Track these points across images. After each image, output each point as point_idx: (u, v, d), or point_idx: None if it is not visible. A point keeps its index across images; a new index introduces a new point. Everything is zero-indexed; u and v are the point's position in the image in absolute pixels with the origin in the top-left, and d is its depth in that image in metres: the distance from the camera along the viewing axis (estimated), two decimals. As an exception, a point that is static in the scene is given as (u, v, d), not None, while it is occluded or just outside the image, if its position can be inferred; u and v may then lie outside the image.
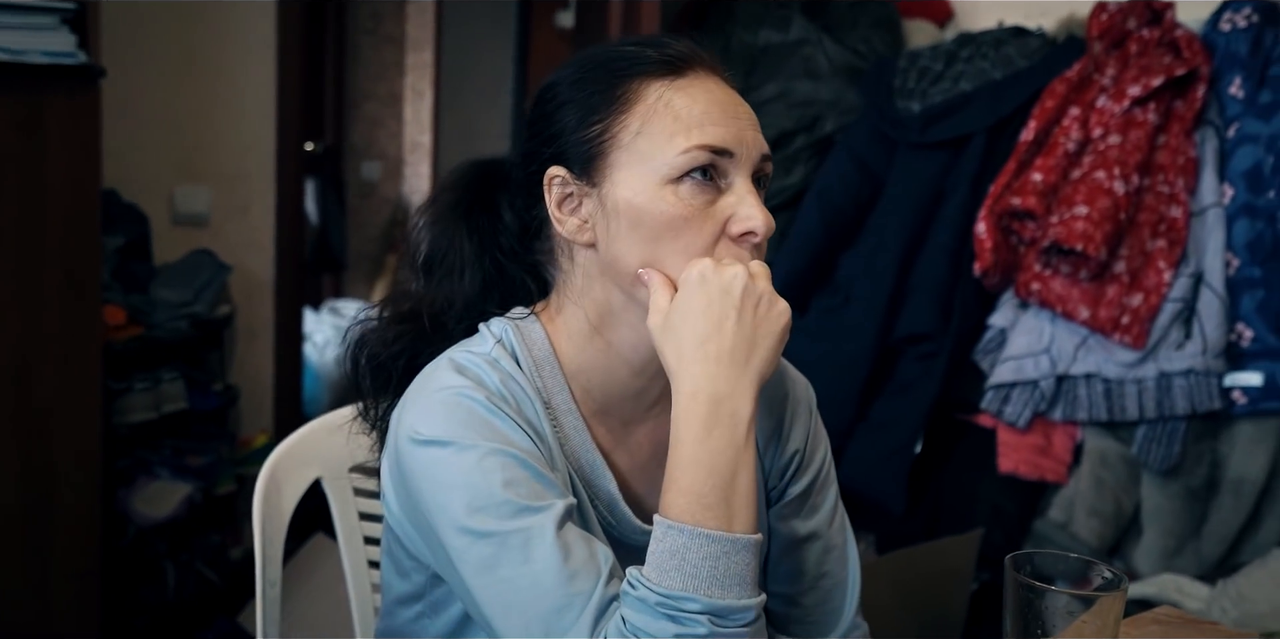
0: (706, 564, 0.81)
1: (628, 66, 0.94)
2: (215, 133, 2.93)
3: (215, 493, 2.70)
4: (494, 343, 0.96)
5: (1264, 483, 2.08)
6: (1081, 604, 0.87)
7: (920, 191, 2.36)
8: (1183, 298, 2.11)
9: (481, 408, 0.89)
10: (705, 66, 0.95)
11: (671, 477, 0.85)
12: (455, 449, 0.87)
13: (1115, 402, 2.13)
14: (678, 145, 0.90)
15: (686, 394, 0.86)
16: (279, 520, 1.21)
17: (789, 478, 1.08)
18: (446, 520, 0.85)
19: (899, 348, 2.32)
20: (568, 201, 0.95)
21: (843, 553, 1.10)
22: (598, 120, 0.93)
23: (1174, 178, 2.17)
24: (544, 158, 0.96)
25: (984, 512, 2.19)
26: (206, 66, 2.89)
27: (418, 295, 1.01)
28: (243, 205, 3.00)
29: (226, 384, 2.87)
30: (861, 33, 2.60)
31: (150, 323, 2.51)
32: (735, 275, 0.88)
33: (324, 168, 4.96)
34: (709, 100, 0.92)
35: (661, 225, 0.90)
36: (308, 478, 1.24)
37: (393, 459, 0.92)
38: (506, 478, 0.85)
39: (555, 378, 0.97)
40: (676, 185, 0.90)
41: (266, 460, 1.20)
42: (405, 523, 0.94)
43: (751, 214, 0.91)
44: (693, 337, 0.87)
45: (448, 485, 0.86)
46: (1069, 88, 2.26)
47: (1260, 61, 2.21)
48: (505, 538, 0.83)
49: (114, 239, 2.51)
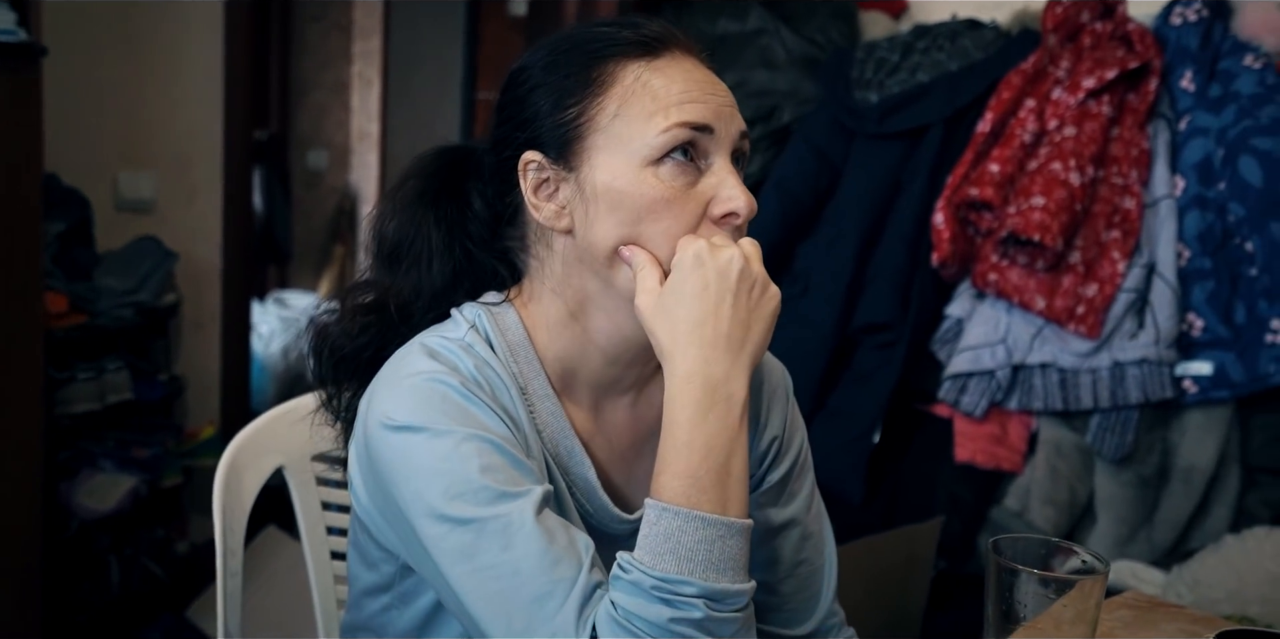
0: (702, 548, 0.80)
1: (603, 48, 0.91)
2: (160, 117, 2.86)
3: (161, 486, 2.64)
4: (467, 328, 0.93)
5: (1213, 471, 2.12)
6: (1061, 589, 0.87)
7: (878, 182, 2.36)
8: (1136, 288, 2.14)
9: (456, 393, 0.87)
10: (681, 47, 0.93)
11: (665, 460, 0.84)
12: (430, 435, 0.84)
13: (1070, 391, 2.15)
14: (657, 125, 0.88)
15: (681, 377, 0.85)
16: (240, 510, 1.17)
17: (767, 465, 1.08)
18: (421, 508, 0.83)
19: (857, 337, 2.32)
20: (544, 187, 0.93)
21: (820, 540, 1.10)
22: (573, 103, 0.91)
23: (1128, 169, 2.19)
24: (518, 142, 0.94)
25: (941, 500, 2.21)
26: (151, 49, 2.81)
27: (383, 285, 0.98)
28: (189, 192, 2.93)
29: (172, 374, 2.80)
30: (818, 23, 2.61)
31: (94, 311, 2.44)
32: (732, 258, 0.87)
33: (269, 157, 4.86)
34: (687, 79, 0.91)
35: (643, 208, 0.89)
36: (269, 466, 1.21)
37: (361, 446, 0.90)
38: (483, 464, 0.83)
39: (531, 363, 0.95)
40: (657, 167, 0.89)
41: (228, 448, 1.17)
42: (374, 512, 0.91)
43: (733, 195, 0.90)
44: (688, 319, 0.86)
45: (423, 472, 0.83)
46: (1024, 80, 2.28)
47: (1210, 55, 2.25)
48: (484, 524, 0.81)
49: (55, 224, 2.44)
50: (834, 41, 2.60)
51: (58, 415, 2.36)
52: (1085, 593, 0.87)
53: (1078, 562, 0.92)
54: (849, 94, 2.43)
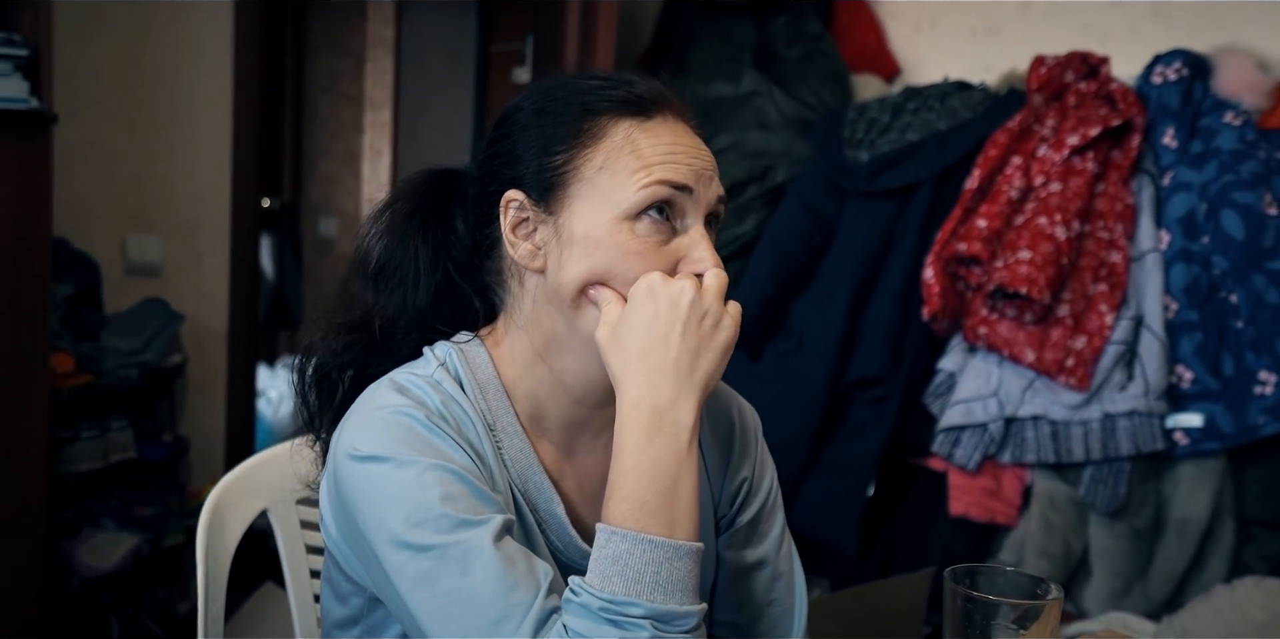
0: (649, 569, 0.82)
1: (596, 102, 0.95)
2: (169, 183, 2.94)
3: (163, 545, 2.65)
4: (437, 365, 0.96)
5: (1207, 523, 2.11)
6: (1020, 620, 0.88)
7: (869, 239, 2.40)
8: (1124, 340, 2.15)
9: (420, 426, 0.89)
10: (673, 110, 0.97)
11: (614, 484, 0.86)
12: (393, 465, 0.87)
13: (1062, 443, 2.15)
14: (638, 180, 0.91)
15: (629, 403, 0.87)
16: (223, 554, 1.19)
17: (738, 505, 1.09)
18: (384, 536, 0.85)
19: (850, 392, 2.34)
20: (523, 226, 0.96)
21: (790, 581, 1.10)
22: (561, 150, 0.94)
23: (1113, 224, 2.23)
24: (502, 178, 0.97)
25: (936, 554, 2.20)
26: (161, 116, 2.90)
27: (366, 304, 1.00)
28: (195, 256, 2.99)
29: (176, 434, 2.83)
30: (811, 85, 2.67)
31: (99, 370, 2.49)
32: (683, 289, 0.89)
33: (281, 224, 4.96)
34: (674, 141, 0.94)
35: (616, 259, 0.92)
36: (254, 508, 1.23)
37: (330, 478, 0.92)
38: (444, 492, 0.85)
39: (500, 401, 0.97)
40: (634, 222, 0.92)
41: (213, 489, 1.19)
42: (342, 544, 0.94)
43: (703, 257, 0.93)
44: (638, 347, 0.88)
45: (385, 500, 0.86)
46: (1011, 138, 2.33)
47: (1191, 113, 2.30)
48: (444, 551, 0.83)
49: (64, 287, 2.50)
50: (826, 103, 2.66)
51: (61, 473, 2.39)
52: (1044, 620, 0.88)
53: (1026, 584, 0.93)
54: (841, 153, 2.48)
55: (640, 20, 3.07)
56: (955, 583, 0.91)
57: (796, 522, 2.28)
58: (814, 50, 2.71)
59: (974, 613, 0.89)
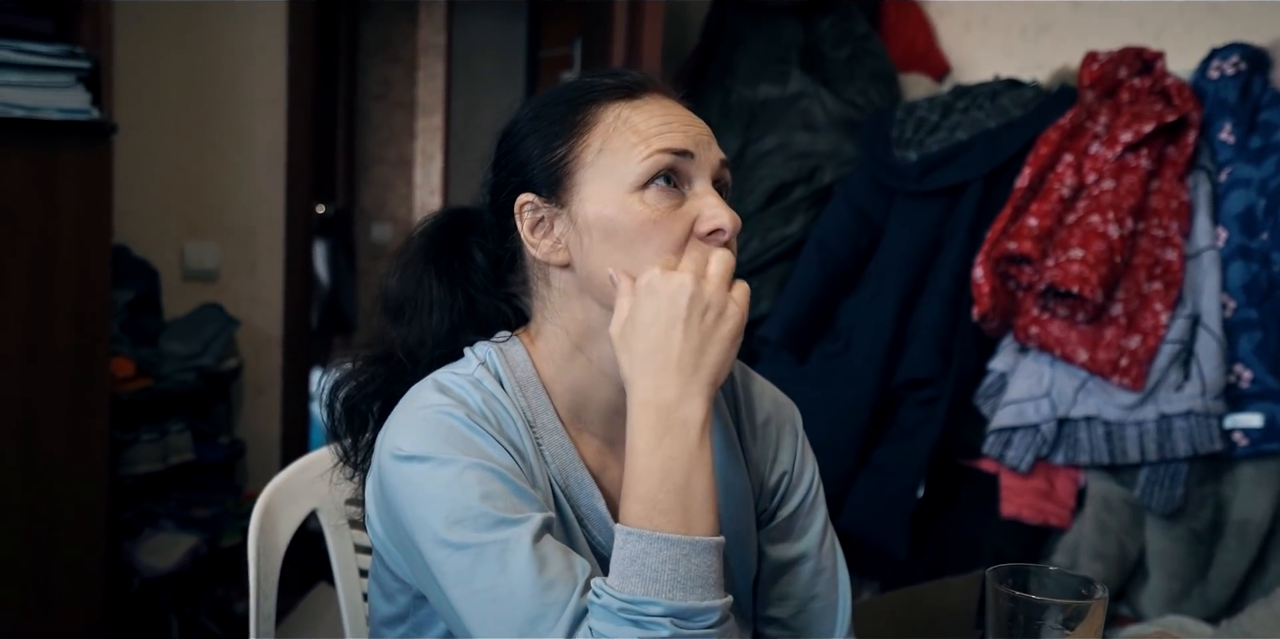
0: (667, 568, 0.82)
1: (584, 94, 0.98)
2: (225, 190, 2.99)
3: (220, 545, 2.70)
4: (477, 364, 0.98)
5: (1268, 525, 2.07)
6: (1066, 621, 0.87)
7: (918, 239, 2.38)
8: (1180, 340, 2.12)
9: (461, 424, 0.91)
10: (659, 90, 0.99)
11: (628, 485, 0.87)
12: (435, 464, 0.88)
13: (1116, 444, 2.12)
14: (639, 153, 0.93)
15: (637, 404, 0.89)
16: (274, 553, 1.22)
17: (778, 500, 1.09)
18: (426, 534, 0.86)
19: (900, 393, 2.32)
20: (540, 226, 0.98)
21: (833, 575, 1.10)
22: (560, 144, 0.96)
23: (1168, 221, 2.19)
24: (511, 187, 0.99)
25: (987, 556, 2.18)
26: (217, 125, 2.96)
27: (388, 336, 1.03)
28: (251, 262, 3.05)
29: (233, 437, 2.88)
30: (858, 86, 2.66)
31: (158, 374, 2.54)
32: (681, 284, 0.90)
33: (335, 230, 5.03)
34: (665, 113, 0.96)
35: (633, 231, 0.93)
36: (304, 509, 1.26)
37: (375, 478, 0.94)
38: (484, 491, 0.86)
39: (539, 398, 0.99)
40: (642, 192, 0.93)
41: (264, 490, 1.22)
42: (388, 542, 0.95)
43: (717, 213, 0.94)
44: (642, 347, 0.89)
45: (427, 499, 0.87)
46: (1062, 135, 2.30)
47: (1249, 108, 2.25)
48: (482, 549, 0.84)
49: (124, 293, 2.56)
50: (874, 103, 2.64)
51: (122, 475, 2.44)
52: (1089, 619, 0.87)
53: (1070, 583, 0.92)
54: (889, 153, 2.46)
55: (687, 22, 3.08)
56: (999, 583, 0.90)
57: (845, 524, 2.27)
58: (862, 50, 2.70)
59: (1018, 613, 0.88)
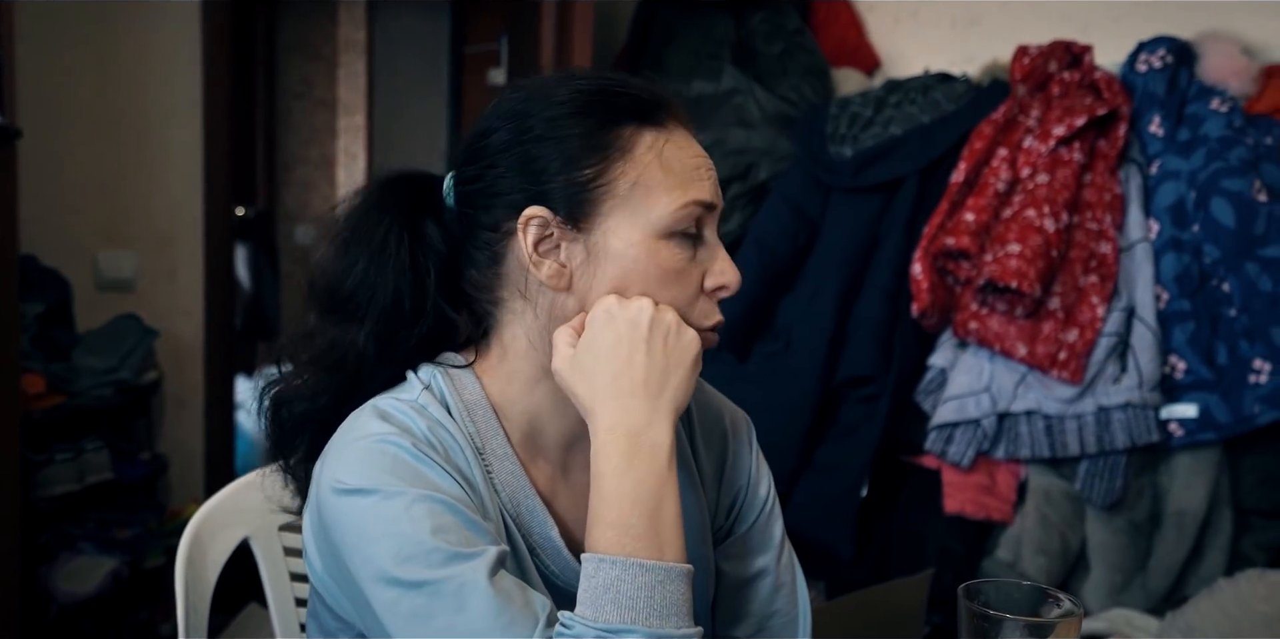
0: (643, 594, 0.79)
1: (612, 110, 0.90)
2: (140, 196, 2.88)
3: (143, 567, 2.60)
4: (421, 389, 0.92)
5: (1205, 514, 2.09)
6: (1036, 634, 0.85)
7: (856, 235, 2.37)
8: (1117, 332, 2.13)
9: (407, 454, 0.85)
10: (678, 116, 0.94)
11: (597, 512, 0.83)
12: (380, 497, 0.82)
13: (1056, 438, 2.13)
14: (676, 199, 0.89)
15: (604, 429, 0.85)
16: (203, 586, 1.15)
17: (734, 516, 1.06)
18: (373, 572, 0.81)
19: (841, 391, 2.31)
20: (544, 243, 0.90)
21: (792, 590, 1.07)
22: (590, 164, 0.89)
23: (1102, 214, 2.20)
24: (515, 192, 0.90)
25: (932, 554, 2.17)
26: (130, 128, 2.84)
27: (335, 338, 0.93)
28: (169, 270, 2.94)
29: (154, 453, 2.78)
30: (791, 81, 2.63)
31: (72, 391, 2.43)
32: (641, 309, 0.88)
33: (256, 233, 4.89)
34: (694, 154, 0.93)
35: (655, 278, 0.90)
36: (234, 538, 1.19)
37: (314, 513, 0.88)
38: (435, 524, 0.81)
39: (489, 422, 0.93)
40: (668, 240, 0.90)
41: (190, 521, 1.15)
42: (328, 580, 0.89)
43: (725, 269, 0.92)
44: (605, 373, 0.86)
45: (373, 535, 0.82)
46: (996, 129, 2.30)
47: (1177, 100, 2.27)
48: (437, 587, 0.79)
49: (34, 305, 2.44)
50: (807, 99, 2.62)
51: (35, 498, 2.33)
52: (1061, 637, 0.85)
53: (1054, 606, 0.90)
54: (824, 149, 2.44)
55: (617, 18, 3.03)
56: (969, 600, 0.87)
57: (790, 524, 2.23)
58: (794, 45, 2.67)
59: (989, 630, 0.85)
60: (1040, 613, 0.90)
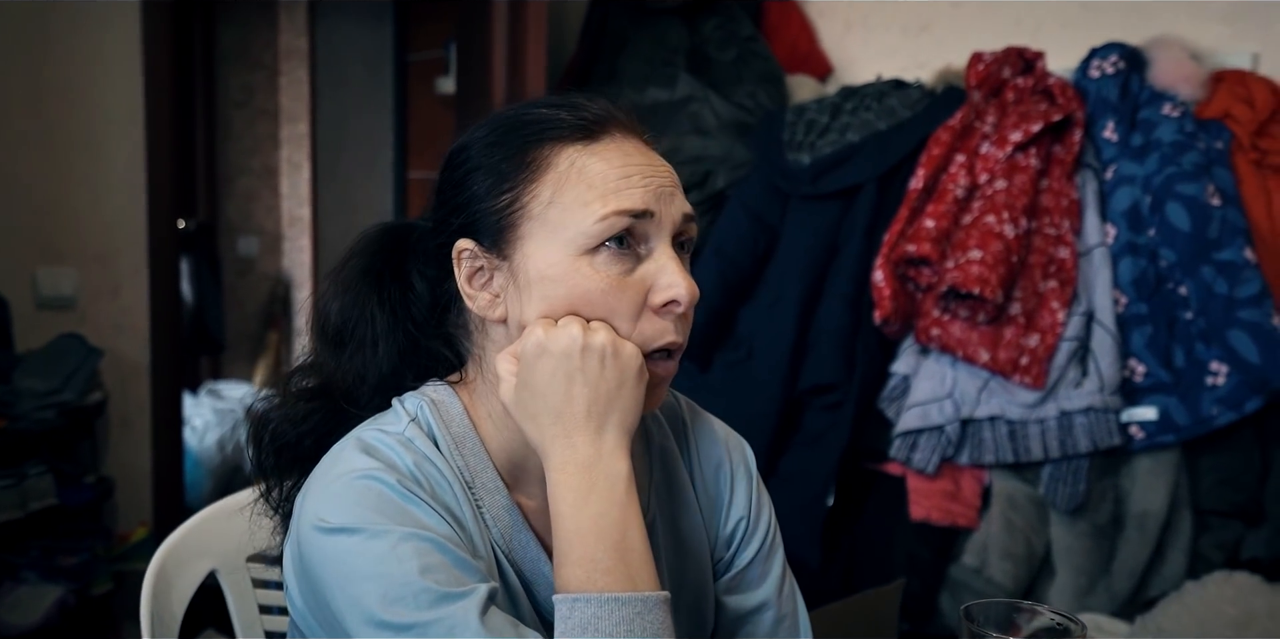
0: (623, 629, 0.76)
1: (539, 130, 0.88)
2: (80, 211, 2.79)
3: (91, 594, 2.51)
4: (408, 421, 0.89)
5: (1166, 516, 2.10)
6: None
7: (815, 242, 2.36)
8: (1077, 337, 2.14)
9: (392, 491, 0.82)
10: (622, 128, 0.90)
11: (561, 551, 0.81)
12: (365, 536, 0.79)
13: (1020, 443, 2.13)
14: (593, 213, 0.85)
15: (556, 468, 0.83)
16: (170, 622, 1.10)
17: (735, 548, 1.03)
18: (358, 615, 0.77)
19: (804, 400, 2.30)
20: (478, 275, 0.89)
21: (794, 622, 1.04)
22: (508, 188, 0.87)
23: (1059, 220, 2.21)
24: (452, 229, 0.90)
25: (899, 560, 2.16)
26: (69, 140, 2.75)
27: (327, 369, 0.93)
28: (112, 286, 2.85)
29: (100, 476, 2.69)
30: (747, 88, 2.62)
31: (13, 414, 2.34)
32: (571, 336, 0.84)
33: (198, 246, 4.79)
34: (625, 163, 0.87)
35: (577, 298, 0.85)
36: (200, 571, 1.14)
37: (295, 550, 0.84)
38: (423, 564, 0.78)
39: (478, 456, 0.90)
40: (592, 256, 0.85)
41: (155, 554, 1.10)
42: (310, 619, 0.85)
43: (673, 282, 0.86)
44: (548, 411, 0.84)
45: (359, 576, 0.78)
46: (953, 136, 2.30)
47: (1130, 106, 2.29)
48: (426, 629, 0.76)
49: (-30, 326, 2.36)
50: (763, 106, 2.61)
51: (-25, 526, 2.25)
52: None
53: (1046, 620, 0.88)
54: (781, 157, 2.43)
55: (571, 24, 3.00)
56: (969, 621, 0.85)
57: (757, 535, 2.23)
58: (748, 52, 2.67)
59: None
60: (1032, 629, 0.88)
